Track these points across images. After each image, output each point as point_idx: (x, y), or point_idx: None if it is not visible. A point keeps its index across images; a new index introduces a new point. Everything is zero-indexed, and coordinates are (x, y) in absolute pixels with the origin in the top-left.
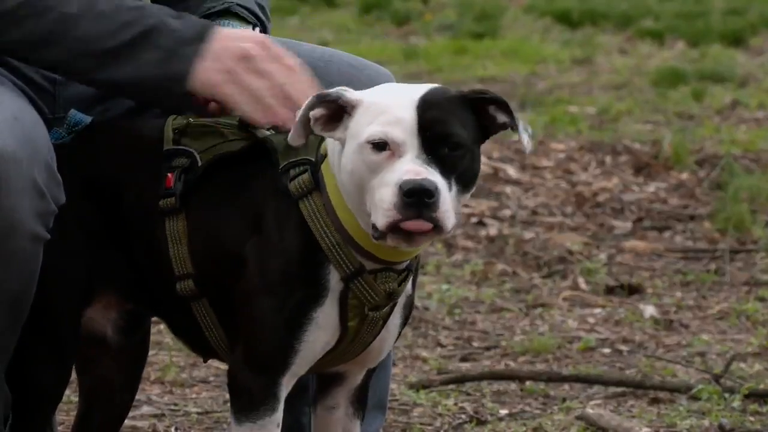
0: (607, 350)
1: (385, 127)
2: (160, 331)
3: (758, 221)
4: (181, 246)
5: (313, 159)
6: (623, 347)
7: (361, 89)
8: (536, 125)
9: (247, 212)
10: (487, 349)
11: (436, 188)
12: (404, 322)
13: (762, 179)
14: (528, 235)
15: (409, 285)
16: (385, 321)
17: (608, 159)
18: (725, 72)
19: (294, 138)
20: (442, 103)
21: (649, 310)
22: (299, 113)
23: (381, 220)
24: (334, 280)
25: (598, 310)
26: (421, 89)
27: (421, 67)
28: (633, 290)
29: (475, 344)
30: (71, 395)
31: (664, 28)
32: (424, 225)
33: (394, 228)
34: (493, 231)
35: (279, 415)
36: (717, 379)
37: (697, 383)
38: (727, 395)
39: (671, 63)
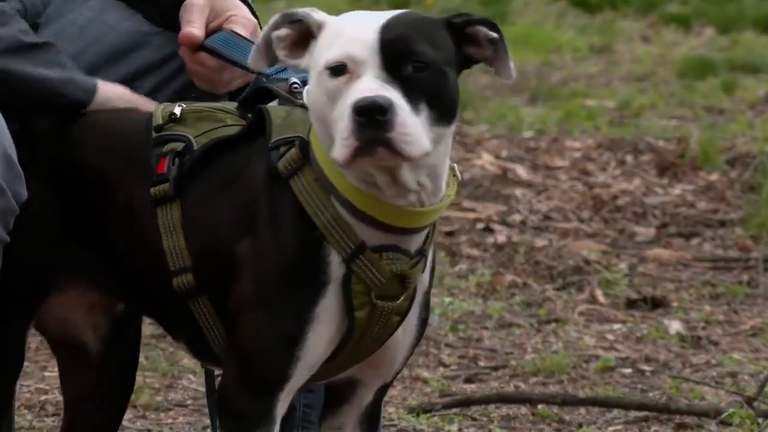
0: (627, 370)
1: (344, 47)
2: None
3: None
4: (176, 237)
5: (304, 135)
6: (646, 367)
7: None
8: (550, 121)
9: (241, 201)
10: (495, 369)
11: (391, 105)
12: (422, 324)
13: None
14: (540, 242)
15: (426, 276)
16: (402, 318)
17: (629, 158)
18: (759, 62)
19: (255, 59)
20: (410, 22)
21: (675, 326)
22: (262, 32)
23: (339, 151)
24: (335, 263)
25: (617, 326)
26: (392, 12)
27: None
28: (657, 304)
29: (482, 363)
30: (34, 420)
31: (691, 13)
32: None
33: (354, 158)
34: (501, 238)
35: None
36: (750, 402)
37: (728, 406)
38: (760, 420)
39: (699, 51)
